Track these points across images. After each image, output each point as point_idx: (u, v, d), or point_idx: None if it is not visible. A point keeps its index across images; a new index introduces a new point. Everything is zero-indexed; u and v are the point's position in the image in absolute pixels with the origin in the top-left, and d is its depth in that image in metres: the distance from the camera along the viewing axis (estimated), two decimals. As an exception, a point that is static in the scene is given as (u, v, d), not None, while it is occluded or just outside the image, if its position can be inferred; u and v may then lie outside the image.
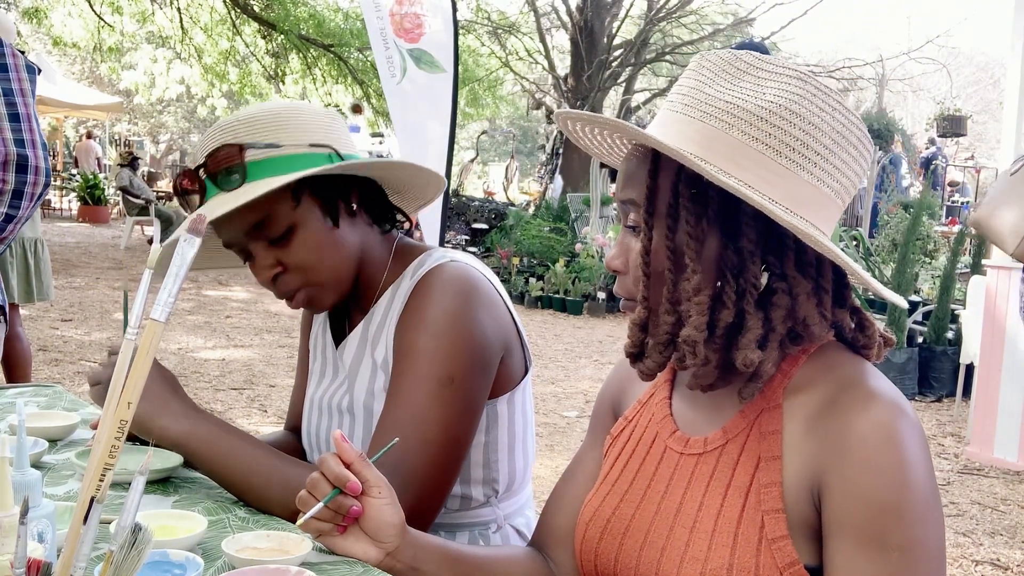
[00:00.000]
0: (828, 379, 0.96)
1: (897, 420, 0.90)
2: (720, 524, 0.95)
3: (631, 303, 1.02)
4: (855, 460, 0.89)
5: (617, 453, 1.12)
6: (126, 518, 0.73)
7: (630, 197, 1.00)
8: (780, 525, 0.92)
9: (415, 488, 1.24)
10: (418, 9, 6.77)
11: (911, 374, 6.16)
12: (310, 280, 1.34)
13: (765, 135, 0.92)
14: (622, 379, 1.22)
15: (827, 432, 0.92)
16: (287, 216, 1.31)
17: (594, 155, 1.14)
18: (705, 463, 1.00)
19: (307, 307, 1.38)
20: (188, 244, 0.82)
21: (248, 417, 4.89)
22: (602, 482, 1.11)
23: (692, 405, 1.07)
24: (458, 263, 1.37)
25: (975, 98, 29.59)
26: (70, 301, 8.07)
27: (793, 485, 0.93)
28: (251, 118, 1.32)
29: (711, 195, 0.94)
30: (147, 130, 31.34)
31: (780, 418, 0.96)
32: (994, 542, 3.66)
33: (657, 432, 1.08)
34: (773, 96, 0.93)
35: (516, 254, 10.22)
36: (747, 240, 0.94)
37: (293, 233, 1.31)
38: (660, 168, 0.97)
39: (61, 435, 1.55)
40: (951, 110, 13.76)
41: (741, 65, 0.97)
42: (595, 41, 14.31)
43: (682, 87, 0.99)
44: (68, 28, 14.10)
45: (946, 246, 8.75)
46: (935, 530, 0.89)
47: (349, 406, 1.40)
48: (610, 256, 1.03)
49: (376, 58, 6.66)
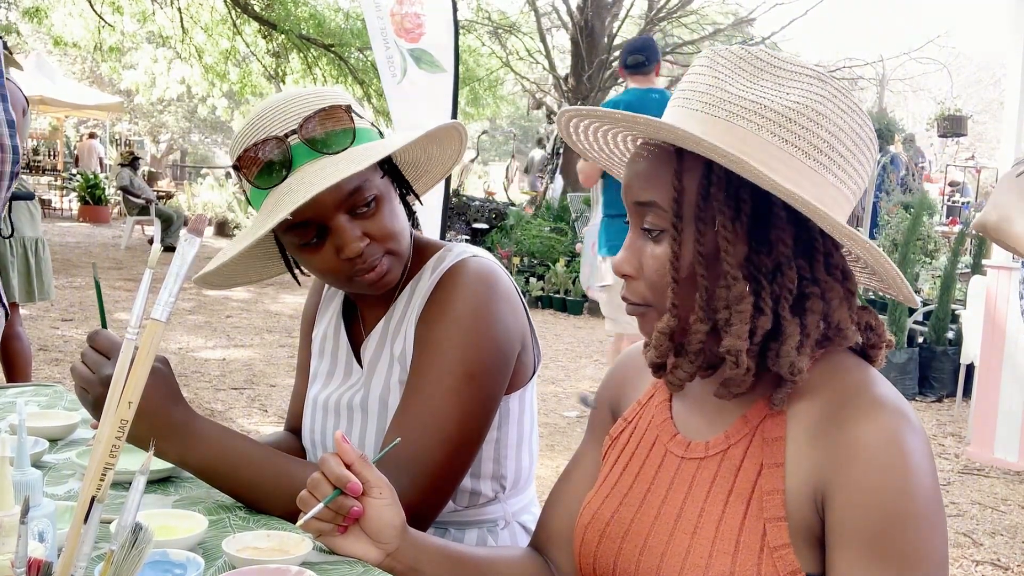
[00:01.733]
0: (833, 385, 0.95)
1: (902, 428, 0.89)
2: (722, 531, 0.94)
3: (642, 308, 0.99)
4: (860, 468, 0.88)
5: (617, 455, 1.11)
6: (126, 518, 0.73)
7: (650, 199, 0.95)
8: (782, 533, 0.91)
9: (426, 482, 1.24)
10: (418, 9, 6.77)
11: (911, 374, 6.15)
12: (392, 249, 1.31)
13: (795, 136, 0.91)
14: (620, 379, 1.20)
15: (832, 440, 0.91)
16: (375, 186, 1.28)
17: (590, 158, 1.10)
18: (707, 468, 0.99)
19: (386, 277, 1.32)
20: (188, 244, 0.82)
21: (248, 417, 4.89)
22: (601, 484, 1.10)
23: (693, 408, 1.06)
24: (480, 258, 1.37)
25: (975, 98, 29.58)
26: (70, 301, 8.07)
27: (796, 493, 0.92)
28: (315, 93, 1.29)
29: (743, 197, 0.92)
30: (148, 130, 31.33)
31: (784, 424, 0.95)
32: (994, 542, 3.66)
33: (657, 435, 1.07)
34: (798, 96, 0.92)
35: (516, 254, 10.22)
36: (782, 244, 0.92)
37: (379, 204, 1.29)
38: (685, 168, 0.94)
39: (61, 435, 1.55)
40: (951, 110, 13.74)
41: (757, 63, 0.95)
42: (595, 41, 14.31)
43: (696, 84, 0.96)
44: (68, 28, 14.08)
45: (946, 246, 8.74)
46: (939, 538, 0.88)
47: (363, 402, 1.39)
48: (619, 260, 0.99)
49: (376, 58, 6.67)
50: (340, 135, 1.26)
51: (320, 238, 1.28)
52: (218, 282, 1.42)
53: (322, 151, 1.25)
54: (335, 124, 1.26)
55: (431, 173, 1.50)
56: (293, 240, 1.29)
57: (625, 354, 1.23)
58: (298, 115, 1.25)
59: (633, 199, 0.98)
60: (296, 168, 1.25)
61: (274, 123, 1.25)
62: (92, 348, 1.21)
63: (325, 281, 1.40)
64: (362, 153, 1.24)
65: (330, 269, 1.30)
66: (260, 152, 1.25)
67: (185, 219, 12.51)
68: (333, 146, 1.25)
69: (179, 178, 24.68)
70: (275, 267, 1.48)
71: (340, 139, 1.26)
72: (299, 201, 1.18)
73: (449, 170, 1.49)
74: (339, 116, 1.26)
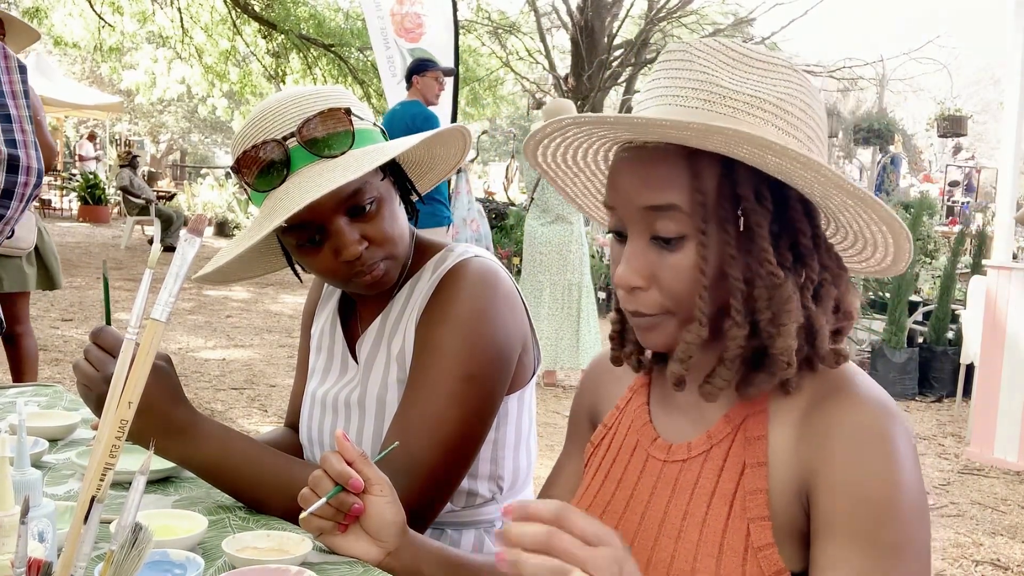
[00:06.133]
0: (814, 381, 0.94)
1: (886, 420, 0.88)
2: (705, 534, 0.92)
3: (657, 318, 0.93)
4: (846, 459, 0.87)
5: (599, 462, 1.08)
6: (126, 518, 0.73)
7: (668, 202, 0.89)
8: (766, 533, 0.90)
9: (425, 483, 1.24)
10: (419, 9, 6.76)
11: (911, 374, 6.16)
12: (390, 253, 1.31)
13: (792, 127, 0.90)
14: (595, 384, 1.18)
15: (816, 434, 0.90)
16: (375, 188, 1.28)
17: (568, 191, 1.07)
18: (689, 470, 0.97)
19: (383, 280, 1.32)
20: (188, 244, 0.82)
21: (248, 417, 4.89)
22: (584, 492, 1.08)
23: (673, 410, 1.04)
24: (482, 259, 1.36)
25: (975, 98, 29.59)
26: (70, 301, 8.07)
27: (780, 491, 0.91)
28: (316, 93, 1.28)
29: (764, 193, 0.90)
30: (147, 130, 31.33)
31: (766, 423, 0.94)
32: (994, 542, 3.66)
33: (638, 439, 1.05)
34: (785, 88, 0.91)
35: (516, 254, 10.21)
36: (803, 236, 0.91)
37: (379, 206, 1.29)
38: (702, 167, 0.89)
39: (61, 435, 1.55)
40: (951, 110, 13.74)
41: (734, 55, 0.93)
42: (595, 41, 14.30)
43: (679, 79, 0.91)
44: (68, 28, 14.09)
45: (946, 246, 8.74)
46: (924, 530, 0.88)
47: (360, 399, 1.39)
48: (627, 273, 0.92)
49: (377, 58, 6.67)
50: (339, 138, 1.25)
51: (319, 239, 1.28)
52: (219, 278, 1.42)
53: (321, 154, 1.24)
54: (334, 126, 1.25)
55: (435, 171, 1.50)
56: (292, 240, 1.29)
57: (599, 358, 1.19)
58: (297, 117, 1.24)
59: (642, 204, 0.91)
60: (294, 171, 1.24)
61: (273, 125, 1.25)
62: (96, 345, 1.20)
63: (324, 280, 1.40)
64: (361, 156, 1.24)
65: (328, 270, 1.30)
66: (259, 154, 1.25)
67: (185, 219, 12.51)
68: (332, 149, 1.25)
69: (179, 178, 24.69)
70: (277, 262, 1.48)
71: (339, 142, 1.25)
72: (294, 208, 1.18)
73: (454, 168, 1.49)
74: (339, 118, 1.26)
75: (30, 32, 3.64)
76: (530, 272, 5.90)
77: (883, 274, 1.03)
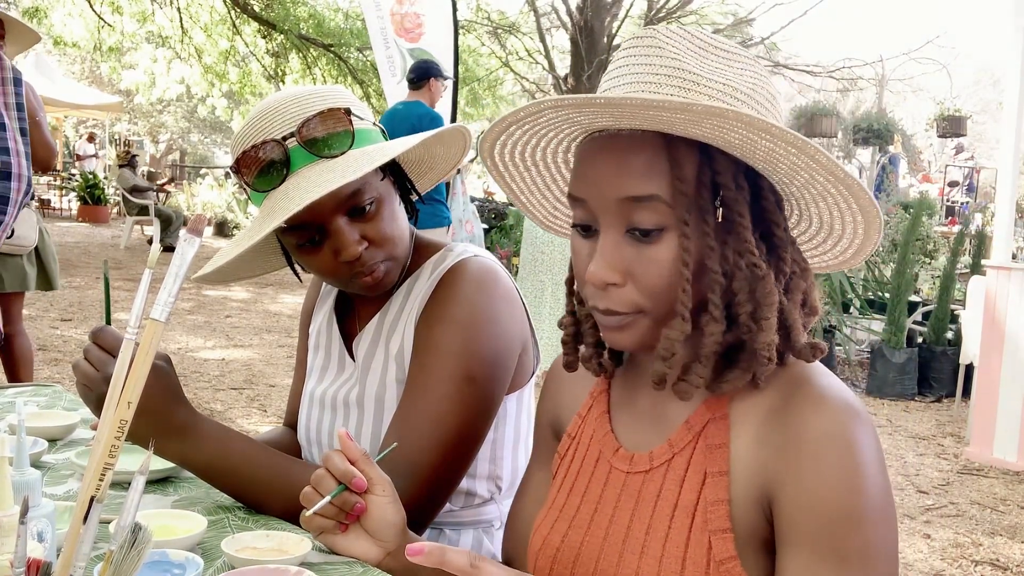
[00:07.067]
0: (775, 381, 0.90)
1: (850, 422, 0.85)
2: (668, 548, 0.90)
3: (630, 317, 0.89)
4: (808, 467, 0.84)
5: (564, 475, 1.05)
6: (126, 518, 0.73)
7: (649, 193, 0.85)
8: (728, 546, 0.87)
9: (424, 483, 1.24)
10: (418, 9, 6.76)
11: (911, 374, 6.16)
12: (390, 254, 1.31)
13: (768, 113, 0.89)
14: (554, 393, 1.14)
15: (778, 436, 0.87)
16: (376, 188, 1.28)
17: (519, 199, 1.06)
18: (652, 481, 0.94)
19: (383, 281, 1.32)
20: (188, 244, 0.82)
21: (248, 417, 4.89)
22: (550, 507, 1.04)
23: (634, 418, 1.00)
24: (481, 258, 1.36)
25: (975, 98, 29.61)
26: (70, 301, 8.07)
27: (742, 500, 0.88)
28: (315, 93, 1.28)
29: (741, 183, 0.87)
30: (147, 130, 31.33)
31: (727, 430, 0.91)
32: (994, 542, 3.66)
33: (600, 450, 1.01)
34: (752, 77, 0.89)
35: (516, 254, 10.21)
36: (776, 227, 0.89)
37: (379, 207, 1.28)
38: (680, 155, 0.85)
39: (61, 435, 1.55)
40: (951, 110, 13.75)
41: (700, 43, 0.90)
42: (595, 41, 14.30)
43: (651, 66, 0.87)
44: (68, 28, 14.09)
45: (946, 246, 8.75)
46: (890, 534, 0.85)
47: (359, 398, 1.38)
48: (601, 268, 0.87)
49: (376, 58, 6.67)
50: (339, 138, 1.25)
51: (319, 239, 1.28)
52: (218, 278, 1.42)
53: (320, 154, 1.24)
54: (334, 126, 1.25)
55: (436, 170, 1.50)
56: (292, 240, 1.29)
57: (557, 363, 1.13)
58: (297, 117, 1.24)
59: (619, 195, 0.86)
60: (294, 171, 1.24)
61: (273, 125, 1.25)
62: (95, 345, 1.19)
63: (324, 280, 1.40)
64: (361, 156, 1.24)
65: (328, 270, 1.30)
66: (258, 154, 1.25)
67: (184, 219, 12.51)
68: (332, 149, 1.25)
69: (178, 178, 24.69)
70: (276, 262, 1.48)
71: (339, 142, 1.25)
72: (294, 208, 1.18)
73: (454, 168, 1.49)
74: (338, 118, 1.26)
75: (31, 34, 3.64)
76: (532, 272, 5.90)
77: (836, 268, 1.00)
